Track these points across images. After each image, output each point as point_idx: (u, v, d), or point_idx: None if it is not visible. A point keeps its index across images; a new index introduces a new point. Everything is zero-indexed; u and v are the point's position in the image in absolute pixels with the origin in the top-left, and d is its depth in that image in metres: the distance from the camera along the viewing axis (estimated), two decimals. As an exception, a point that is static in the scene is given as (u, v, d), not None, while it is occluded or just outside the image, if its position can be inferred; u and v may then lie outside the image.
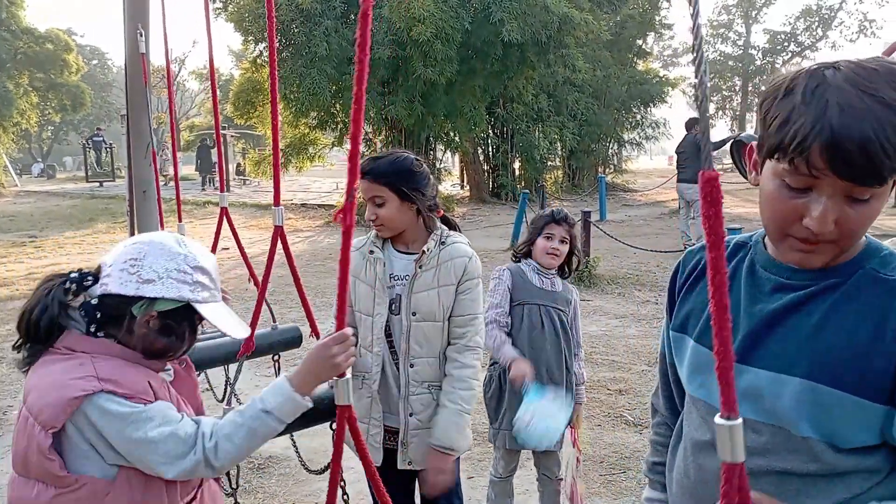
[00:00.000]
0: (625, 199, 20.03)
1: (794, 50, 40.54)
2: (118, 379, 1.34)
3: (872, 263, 1.08)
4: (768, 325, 1.11)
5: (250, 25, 14.90)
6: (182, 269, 1.40)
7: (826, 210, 0.98)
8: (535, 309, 2.84)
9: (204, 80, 43.64)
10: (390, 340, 2.22)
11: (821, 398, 1.04)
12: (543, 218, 2.94)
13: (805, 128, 0.95)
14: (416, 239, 2.24)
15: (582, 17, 14.96)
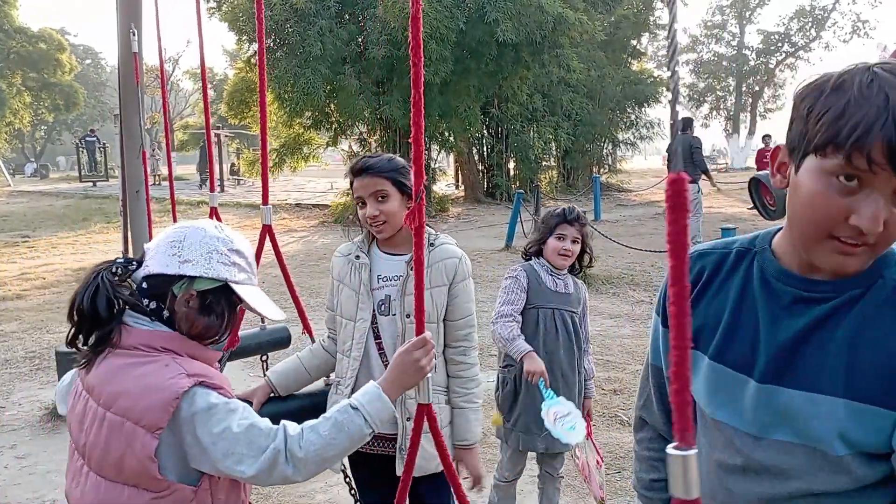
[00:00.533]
0: (619, 199, 20.06)
1: (788, 50, 40.68)
2: (206, 374, 1.37)
3: (891, 272, 1.05)
4: (796, 343, 1.08)
5: (244, 25, 14.85)
6: (220, 251, 1.44)
7: (879, 208, 0.94)
8: (549, 313, 2.80)
9: (198, 79, 43.56)
10: (379, 342, 2.19)
11: (860, 417, 1.02)
12: (555, 217, 2.87)
13: (868, 119, 0.91)
14: (405, 240, 2.22)
15: (576, 18, 14.97)
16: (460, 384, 2.24)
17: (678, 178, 0.70)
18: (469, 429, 2.24)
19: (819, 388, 1.04)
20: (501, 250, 10.93)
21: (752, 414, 1.11)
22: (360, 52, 15.01)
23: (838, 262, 1.00)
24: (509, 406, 2.87)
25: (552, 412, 2.51)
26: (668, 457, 0.70)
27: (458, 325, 2.22)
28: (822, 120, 0.96)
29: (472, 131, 17.06)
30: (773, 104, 41.95)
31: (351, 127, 16.84)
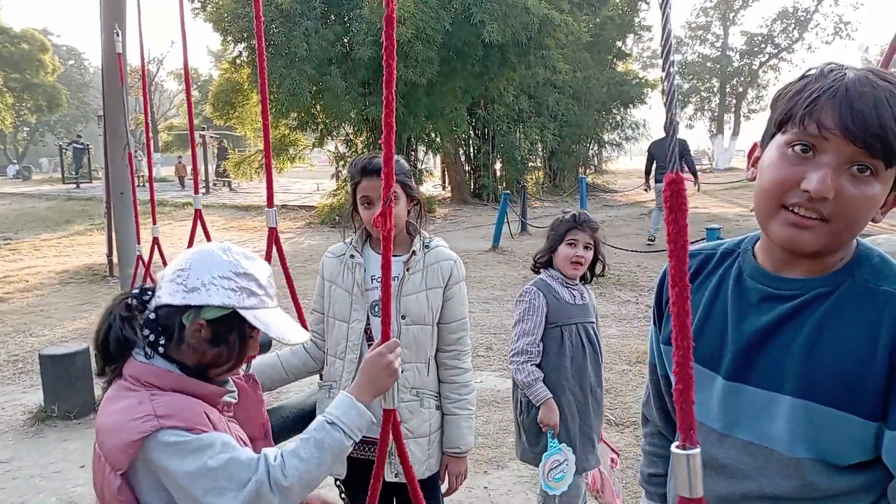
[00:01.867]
0: (605, 200, 20.15)
1: (771, 52, 41.00)
2: (175, 413, 1.33)
3: (863, 272, 1.04)
4: (759, 340, 1.07)
5: (229, 25, 14.79)
6: (227, 276, 1.40)
7: (828, 172, 0.95)
8: (573, 329, 2.67)
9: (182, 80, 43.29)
10: (371, 344, 2.13)
11: (814, 416, 1.01)
12: (565, 223, 2.73)
13: (820, 90, 0.96)
14: (400, 241, 2.21)
15: (562, 19, 15.02)
16: (453, 389, 2.21)
17: (676, 178, 0.70)
18: (461, 436, 2.21)
19: (779, 387, 1.04)
20: (488, 251, 10.94)
21: (719, 411, 1.11)
22: (346, 53, 14.99)
23: (792, 234, 1.00)
24: (537, 430, 2.71)
25: (550, 461, 2.55)
26: (672, 455, 0.70)
27: (452, 329, 2.21)
28: (784, 101, 1.02)
29: (458, 132, 17.07)
30: (757, 105, 42.26)
31: (337, 128, 16.81)
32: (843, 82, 0.95)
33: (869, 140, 0.93)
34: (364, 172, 2.12)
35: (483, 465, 3.87)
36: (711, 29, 42.78)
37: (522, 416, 2.78)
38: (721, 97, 42.32)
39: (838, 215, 0.97)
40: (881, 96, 0.94)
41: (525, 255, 10.61)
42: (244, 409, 1.56)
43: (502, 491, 3.62)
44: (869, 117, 0.93)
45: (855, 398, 0.98)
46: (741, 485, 1.09)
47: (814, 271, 1.06)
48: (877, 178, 0.96)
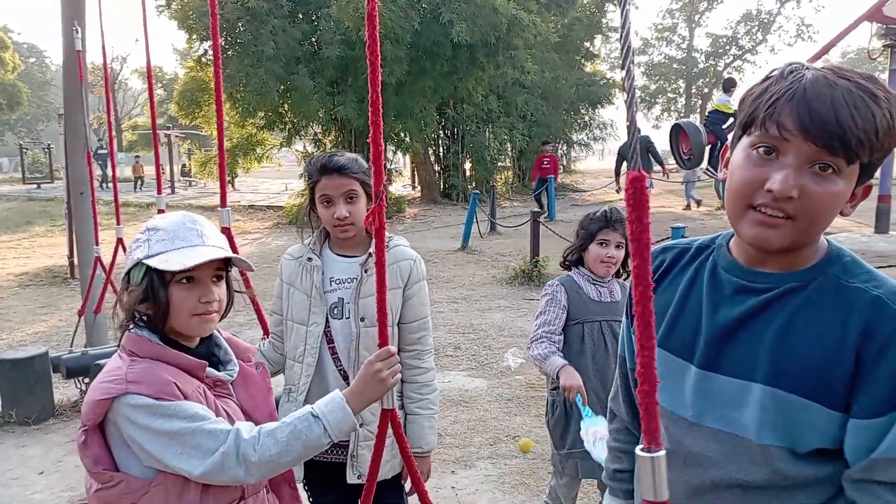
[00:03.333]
0: (574, 199, 20.31)
1: (736, 53, 41.73)
2: (143, 380, 1.36)
3: (835, 270, 1.07)
4: (731, 330, 1.10)
5: (194, 23, 14.59)
6: (138, 238, 1.46)
7: (790, 172, 0.99)
8: (595, 327, 2.57)
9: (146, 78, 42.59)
10: (332, 347, 2.14)
11: (781, 404, 1.04)
12: (596, 222, 2.60)
13: (779, 92, 1.00)
14: (358, 242, 2.18)
15: (530, 19, 15.09)
16: (415, 389, 2.20)
17: (638, 177, 0.70)
18: (423, 436, 2.19)
19: (749, 375, 1.07)
20: (457, 251, 10.95)
21: (691, 399, 1.14)
22: (314, 52, 14.88)
23: (759, 233, 1.03)
24: (561, 432, 2.64)
25: (591, 431, 2.38)
26: (637, 458, 0.71)
27: (413, 328, 2.18)
28: (748, 103, 1.05)
29: (427, 132, 17.06)
30: (722, 106, 43.01)
31: (305, 127, 16.69)
32: (801, 83, 0.98)
33: (827, 139, 0.96)
34: (324, 171, 2.09)
35: (451, 465, 3.87)
36: (677, 31, 43.44)
37: (548, 417, 2.71)
38: (687, 98, 42.94)
39: (803, 213, 1.00)
40: (838, 95, 0.96)
41: (494, 255, 10.64)
42: (250, 395, 1.57)
43: (469, 490, 3.62)
44: (827, 117, 0.95)
45: (822, 388, 1.01)
46: (710, 473, 1.11)
47: (786, 266, 1.09)
48: (839, 175, 0.99)
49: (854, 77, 0.98)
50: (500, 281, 8.57)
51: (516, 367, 5.47)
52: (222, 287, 1.51)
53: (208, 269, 1.45)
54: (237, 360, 1.58)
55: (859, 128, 0.95)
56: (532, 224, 8.49)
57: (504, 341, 6.09)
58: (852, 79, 0.98)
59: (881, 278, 1.04)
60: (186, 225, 1.47)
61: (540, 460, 3.89)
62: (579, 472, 2.63)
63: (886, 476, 0.98)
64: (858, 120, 0.95)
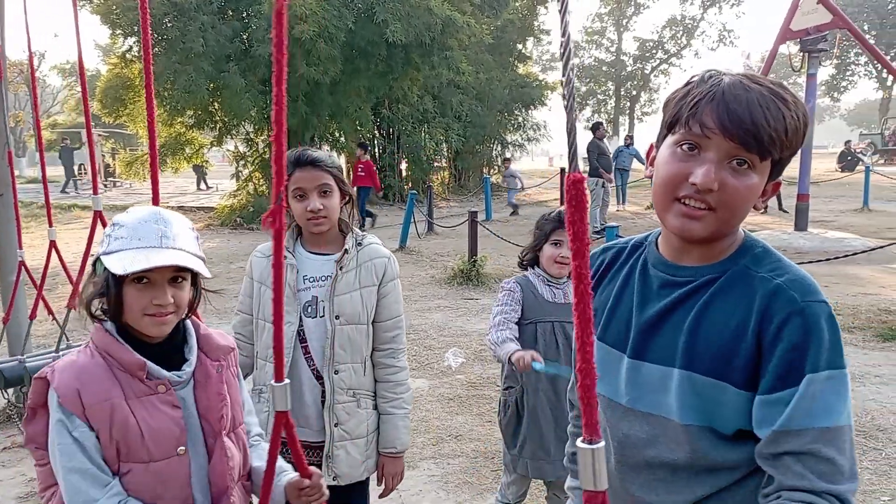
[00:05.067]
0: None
1: (662, 57, 43.04)
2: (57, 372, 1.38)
3: (746, 260, 1.16)
4: (655, 322, 1.20)
5: (118, 18, 14.10)
6: (105, 231, 1.45)
7: (711, 166, 1.08)
8: (548, 327, 2.58)
9: (67, 75, 40.84)
10: (305, 346, 2.11)
11: (697, 387, 1.13)
12: (550, 222, 2.63)
13: (700, 94, 1.10)
14: (332, 239, 2.16)
15: (465, 21, 15.19)
16: (388, 388, 2.19)
17: (578, 178, 0.71)
18: (397, 436, 2.20)
19: (670, 362, 1.16)
20: (395, 251, 10.91)
21: (625, 387, 1.23)
22: (245, 50, 14.57)
23: (683, 224, 1.12)
24: (513, 431, 2.66)
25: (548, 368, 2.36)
26: (577, 450, 0.73)
27: (387, 327, 2.18)
28: (672, 105, 1.15)
29: (363, 132, 16.96)
30: (649, 108, 44.28)
31: (237, 126, 16.32)
32: (720, 87, 1.09)
33: (743, 137, 1.06)
34: (298, 164, 2.07)
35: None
36: (606, 34, 44.46)
37: (501, 416, 2.72)
38: (616, 100, 44.03)
39: (723, 204, 1.10)
40: (753, 98, 1.07)
41: (432, 255, 10.66)
42: (207, 396, 1.49)
43: (413, 492, 3.61)
44: (743, 117, 1.06)
45: (730, 369, 1.11)
46: (643, 452, 1.21)
47: (706, 258, 1.18)
48: (754, 170, 1.10)
49: (766, 83, 1.09)
50: (439, 281, 8.59)
51: (457, 366, 5.49)
52: (183, 288, 1.45)
53: (166, 272, 1.40)
54: (200, 359, 1.50)
55: (771, 126, 1.06)
56: (470, 224, 8.54)
57: (444, 341, 6.10)
58: (764, 84, 1.09)
59: (786, 266, 1.13)
60: (150, 224, 1.41)
61: (482, 458, 3.91)
62: (529, 472, 2.65)
63: (790, 446, 1.05)
64: (771, 120, 1.06)
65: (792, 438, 1.05)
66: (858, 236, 10.78)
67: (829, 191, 19.07)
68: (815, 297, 1.08)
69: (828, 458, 1.03)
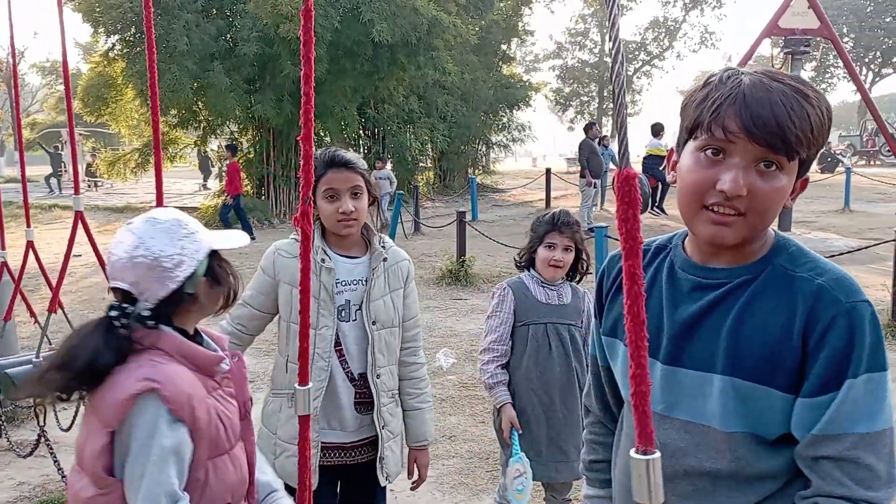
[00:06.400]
0: (494, 200, 20.52)
1: (645, 59, 43.30)
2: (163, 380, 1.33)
3: (781, 259, 1.14)
4: (690, 326, 1.16)
5: (101, 16, 13.93)
6: (186, 233, 1.42)
7: (738, 172, 1.06)
8: (540, 329, 2.59)
9: (47, 73, 40.31)
10: (339, 350, 2.11)
11: (741, 393, 1.10)
12: (544, 224, 2.64)
13: (721, 97, 1.06)
14: (356, 242, 2.18)
15: (450, 21, 15.17)
16: (413, 385, 2.26)
17: (629, 175, 0.70)
18: (427, 429, 2.29)
19: (709, 367, 1.13)
20: (382, 251, 10.87)
21: (660, 394, 1.19)
22: (230, 49, 14.46)
23: (714, 231, 1.10)
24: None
25: (513, 469, 2.51)
26: (631, 461, 0.72)
27: (409, 326, 2.23)
28: (690, 109, 1.12)
29: (348, 132, 16.89)
30: (632, 109, 44.51)
31: (221, 126, 16.20)
32: (740, 88, 1.05)
33: (770, 139, 1.03)
34: (331, 164, 2.07)
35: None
36: (589, 35, 44.63)
37: (494, 418, 2.74)
38: (599, 101, 44.22)
39: (753, 209, 1.07)
40: (776, 98, 1.04)
41: (419, 255, 10.63)
42: (237, 384, 1.56)
43: (408, 493, 3.58)
44: (767, 119, 1.03)
45: (775, 374, 1.08)
46: (682, 462, 1.16)
47: (737, 260, 1.15)
48: (782, 171, 1.08)
49: (786, 80, 1.07)
50: (428, 281, 8.57)
51: (448, 367, 5.48)
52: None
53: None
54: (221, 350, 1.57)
55: (797, 126, 1.03)
56: (458, 224, 8.53)
57: (434, 342, 6.09)
58: (784, 81, 1.07)
59: (823, 265, 1.12)
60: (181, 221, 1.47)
61: (477, 459, 3.91)
62: None
63: (829, 451, 1.04)
64: (796, 119, 1.03)
65: (831, 443, 1.04)
66: (841, 236, 10.91)
67: (810, 192, 19.18)
68: (858, 298, 1.07)
69: (866, 464, 1.03)
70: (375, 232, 2.20)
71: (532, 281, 2.66)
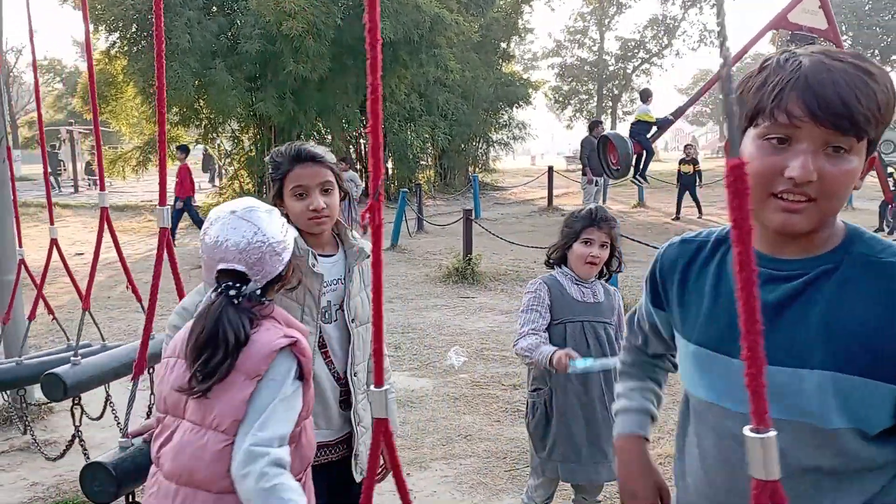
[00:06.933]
0: (495, 198, 20.49)
1: (644, 57, 43.26)
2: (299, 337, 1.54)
3: (860, 248, 1.09)
4: (769, 318, 1.08)
5: (102, 13, 13.86)
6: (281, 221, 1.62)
7: (807, 157, 1.01)
8: (577, 327, 2.51)
9: (45, 72, 40.17)
10: (325, 351, 2.06)
11: (842, 386, 1.04)
12: (581, 220, 2.54)
13: (782, 81, 1.02)
14: (328, 240, 2.09)
15: (452, 18, 15.14)
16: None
17: (739, 164, 0.68)
18: (394, 419, 2.32)
19: (803, 362, 1.06)
20: (387, 249, 10.84)
21: (741, 393, 1.12)
22: (232, 47, 14.41)
23: (784, 219, 1.06)
24: (542, 434, 2.58)
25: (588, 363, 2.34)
26: (747, 439, 0.72)
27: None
28: (749, 95, 1.07)
29: (350, 129, 16.85)
30: (631, 107, 44.46)
31: (222, 124, 16.15)
32: (801, 71, 1.02)
33: (837, 122, 1.00)
34: (297, 159, 1.97)
35: (405, 467, 3.80)
36: (588, 34, 44.58)
37: (528, 419, 2.64)
38: (599, 99, 44.19)
39: (824, 194, 1.04)
40: (839, 78, 1.00)
41: (424, 253, 10.60)
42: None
43: (427, 493, 3.56)
44: (832, 100, 0.99)
45: (880, 365, 1.03)
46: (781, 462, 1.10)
47: (809, 250, 1.11)
48: (851, 153, 1.04)
49: (847, 58, 1.03)
50: (434, 280, 8.53)
51: (459, 365, 5.45)
52: None
53: None
54: None
55: (864, 106, 1.00)
56: (465, 222, 8.50)
57: (444, 340, 6.06)
58: (845, 59, 1.03)
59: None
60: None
61: (495, 459, 3.87)
62: (560, 475, 2.61)
63: None
64: (862, 98, 1.00)
65: None
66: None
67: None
68: None
69: None
70: (346, 227, 2.12)
71: (566, 278, 2.59)
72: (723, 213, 14.61)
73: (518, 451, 3.97)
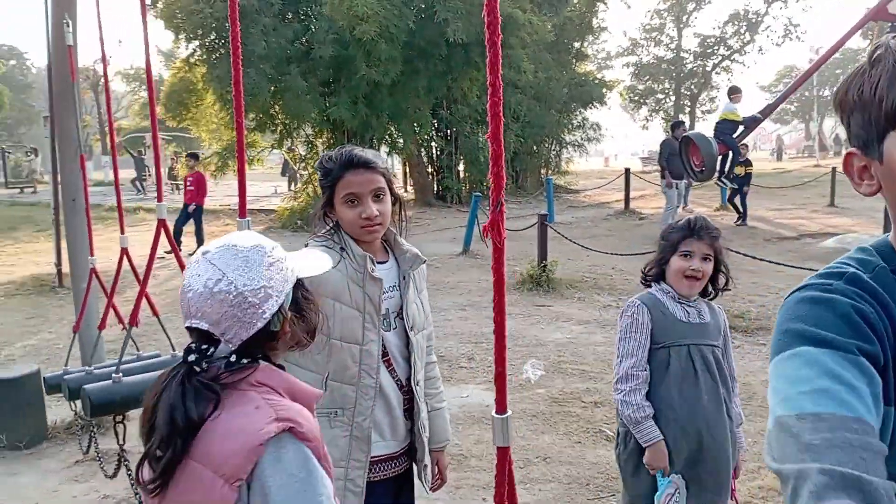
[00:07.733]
0: (569, 201, 20.02)
1: (724, 54, 41.70)
2: (297, 418, 1.19)
3: None
4: None
5: (182, 22, 14.23)
6: (270, 260, 1.26)
7: None
8: (683, 351, 2.26)
9: (131, 80, 42.01)
10: (387, 360, 2.01)
11: None
12: (678, 231, 2.32)
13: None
14: (380, 246, 2.06)
15: (526, 18, 14.86)
16: (431, 384, 2.18)
17: None
18: (447, 428, 2.21)
19: None
20: (459, 255, 10.67)
21: None
22: (306, 52, 14.55)
23: None
24: (633, 468, 2.36)
25: (665, 495, 2.26)
26: None
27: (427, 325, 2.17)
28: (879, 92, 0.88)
29: (421, 133, 16.79)
30: (710, 106, 42.95)
31: (297, 129, 16.36)
32: None
33: None
34: (349, 166, 1.92)
35: (480, 492, 3.58)
36: (665, 31, 43.33)
37: (619, 449, 2.43)
38: (676, 99, 42.89)
39: None
40: None
41: (496, 259, 10.36)
42: None
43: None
44: None
45: None
46: None
47: None
48: None
49: None
50: (508, 287, 8.25)
51: (536, 379, 5.20)
52: None
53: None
54: None
55: None
56: (539, 227, 8.22)
57: (520, 351, 5.81)
58: None
59: None
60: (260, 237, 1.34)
61: (577, 486, 3.61)
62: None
63: None
64: None
65: None
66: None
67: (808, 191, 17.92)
68: None
69: None
70: (395, 232, 2.07)
71: (666, 296, 2.34)
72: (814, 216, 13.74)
73: (602, 477, 3.70)
